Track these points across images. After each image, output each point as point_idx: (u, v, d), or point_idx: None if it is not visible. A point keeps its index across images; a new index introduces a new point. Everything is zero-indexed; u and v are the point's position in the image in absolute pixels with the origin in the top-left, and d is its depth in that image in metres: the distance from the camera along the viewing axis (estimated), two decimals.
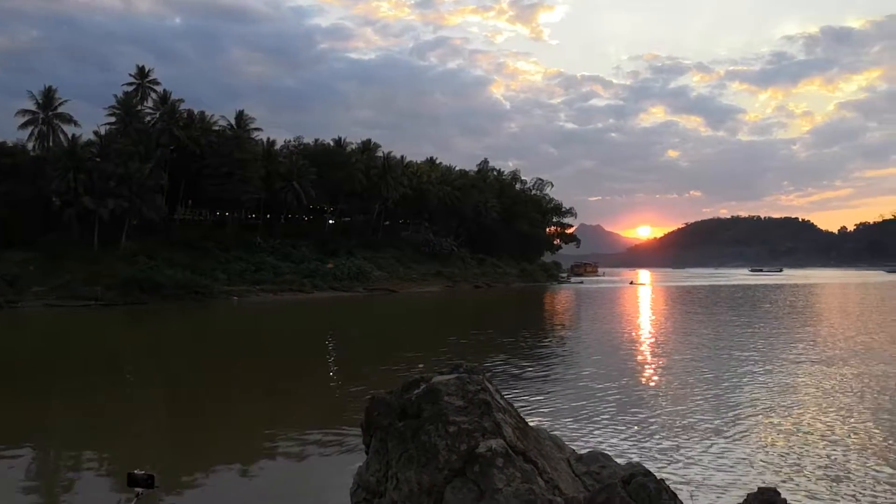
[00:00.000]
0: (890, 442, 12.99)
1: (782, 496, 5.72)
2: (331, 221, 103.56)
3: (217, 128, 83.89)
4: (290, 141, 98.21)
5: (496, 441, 5.60)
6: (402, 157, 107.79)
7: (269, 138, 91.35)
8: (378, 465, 6.11)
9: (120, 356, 30.05)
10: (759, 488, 5.81)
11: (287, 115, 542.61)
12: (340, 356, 28.33)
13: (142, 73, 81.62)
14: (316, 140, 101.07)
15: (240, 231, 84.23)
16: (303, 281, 74.43)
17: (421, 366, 21.66)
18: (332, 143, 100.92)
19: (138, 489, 4.80)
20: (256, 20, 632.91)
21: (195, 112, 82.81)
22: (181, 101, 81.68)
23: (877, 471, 11.27)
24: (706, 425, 14.44)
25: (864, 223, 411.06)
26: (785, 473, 11.18)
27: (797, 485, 10.58)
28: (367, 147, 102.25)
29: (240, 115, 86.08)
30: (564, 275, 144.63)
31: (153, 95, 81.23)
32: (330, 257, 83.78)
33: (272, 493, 11.26)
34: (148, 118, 80.00)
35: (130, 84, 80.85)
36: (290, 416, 16.90)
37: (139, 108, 79.89)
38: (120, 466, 11.56)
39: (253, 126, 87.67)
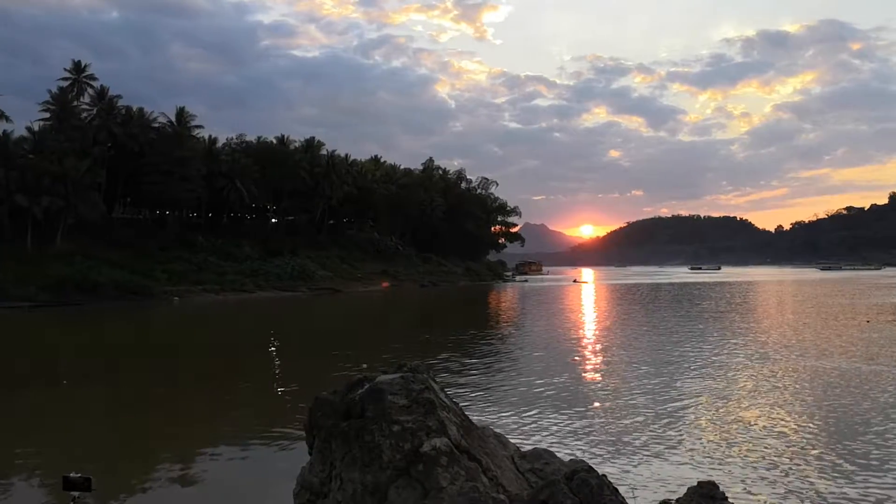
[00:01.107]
0: (823, 433, 13.39)
1: (721, 489, 5.85)
2: (274, 220, 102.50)
3: (157, 125, 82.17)
4: (232, 139, 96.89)
5: (440, 440, 5.61)
6: (346, 155, 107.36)
7: (210, 136, 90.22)
8: (322, 466, 6.07)
9: (53, 358, 29.23)
10: (699, 482, 5.94)
11: (229, 112, 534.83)
12: (283, 356, 28.04)
13: (77, 68, 79.40)
14: (259, 138, 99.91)
15: (181, 230, 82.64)
16: (245, 281, 73.45)
17: (365, 365, 21.56)
18: (275, 142, 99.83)
19: (74, 493, 4.69)
20: (196, 15, 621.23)
21: (134, 109, 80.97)
22: (119, 97, 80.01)
23: (811, 462, 11.61)
24: (647, 421, 14.69)
25: (800, 222, 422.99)
26: (724, 467, 11.43)
27: (736, 477, 10.83)
28: (311, 145, 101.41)
29: (180, 113, 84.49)
30: (509, 273, 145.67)
31: (90, 91, 79.18)
32: (273, 257, 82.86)
33: (214, 495, 11.09)
34: (84, 115, 77.96)
35: (66, 79, 78.54)
36: (233, 416, 16.66)
37: (75, 104, 77.71)
38: (55, 470, 11.24)
39: (194, 124, 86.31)
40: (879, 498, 9.94)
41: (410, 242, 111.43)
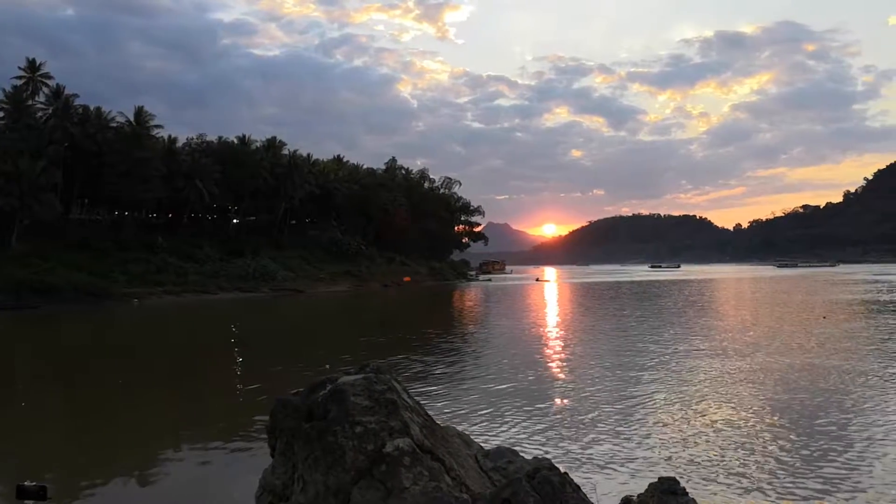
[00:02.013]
0: (781, 428, 13.63)
1: (681, 484, 5.93)
2: (235, 221, 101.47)
3: (115, 124, 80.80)
4: (192, 138, 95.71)
5: (403, 440, 5.61)
6: (308, 155, 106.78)
7: (170, 136, 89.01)
8: (284, 468, 6.03)
9: (6, 361, 28.65)
10: (660, 478, 6.02)
11: (189, 111, 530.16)
12: (245, 358, 27.78)
13: (32, 66, 77.78)
14: (219, 138, 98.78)
15: (140, 231, 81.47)
16: (207, 282, 72.69)
17: (328, 366, 21.48)
18: (236, 141, 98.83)
19: (29, 502, 4.58)
20: (155, 13, 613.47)
21: (91, 108, 79.59)
22: (76, 96, 78.52)
23: (770, 455, 11.80)
24: (609, 417, 14.83)
25: (757, 220, 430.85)
26: (684, 462, 11.58)
27: (696, 472, 10.98)
28: (273, 145, 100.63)
29: (139, 112, 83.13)
30: (473, 273, 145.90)
31: (45, 90, 77.64)
32: (235, 257, 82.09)
33: (175, 499, 10.95)
34: (40, 114, 76.50)
35: (20, 77, 76.93)
36: (194, 419, 16.46)
37: (30, 103, 76.26)
38: (8, 478, 11.02)
39: (153, 123, 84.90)
40: (837, 488, 10.15)
41: (373, 242, 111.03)
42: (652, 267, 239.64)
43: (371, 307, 62.95)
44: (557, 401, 16.93)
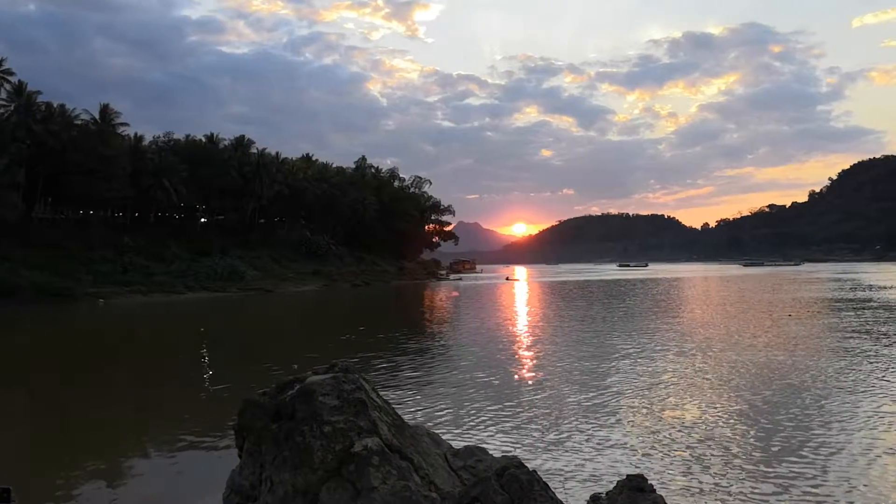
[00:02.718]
0: (747, 424, 13.79)
1: (649, 482, 5.95)
2: (203, 220, 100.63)
3: (79, 122, 79.44)
4: (159, 137, 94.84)
5: (372, 439, 5.57)
6: (277, 153, 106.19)
7: (136, 134, 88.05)
8: (252, 469, 5.97)
9: None
10: (628, 475, 6.04)
11: (155, 109, 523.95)
12: (213, 358, 27.51)
13: None
14: (187, 136, 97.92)
15: (106, 231, 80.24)
16: (174, 282, 71.94)
17: (296, 366, 21.34)
18: (204, 140, 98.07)
19: None
20: (119, 9, 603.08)
21: (55, 105, 78.06)
22: (39, 93, 76.95)
23: (737, 451, 11.93)
24: (577, 415, 14.90)
25: (724, 219, 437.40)
26: (653, 459, 11.66)
27: (664, 469, 11.06)
28: (241, 143, 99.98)
29: (104, 109, 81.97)
30: (443, 272, 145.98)
31: (6, 87, 76.03)
32: (203, 257, 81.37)
33: (142, 501, 10.79)
34: (1, 111, 74.98)
35: None
36: (160, 420, 16.24)
37: None
38: None
39: (119, 121, 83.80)
40: (802, 482, 10.28)
41: (343, 242, 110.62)
42: (620, 266, 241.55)
43: (340, 307, 62.69)
44: (527, 399, 16.96)
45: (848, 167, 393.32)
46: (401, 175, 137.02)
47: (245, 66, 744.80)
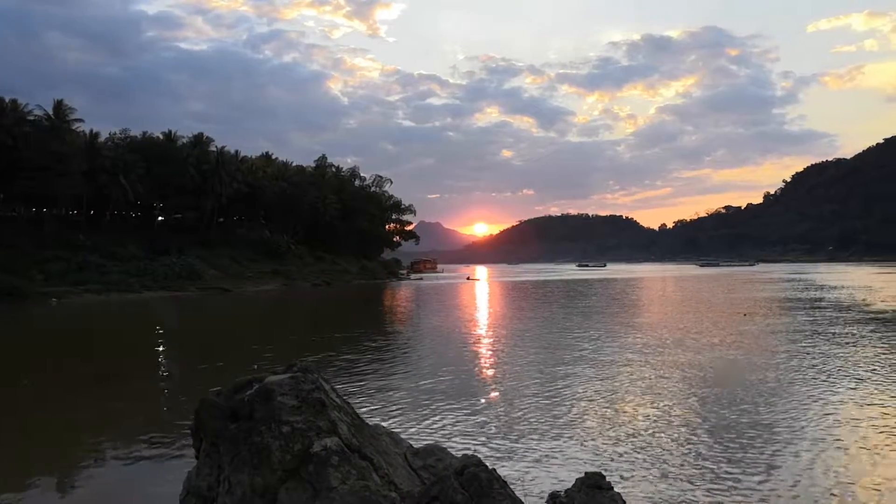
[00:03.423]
0: (704, 421, 14.00)
1: (607, 479, 6.02)
2: (161, 218, 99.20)
3: (32, 118, 77.62)
4: (115, 133, 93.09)
5: (331, 439, 5.56)
6: (236, 151, 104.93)
7: (91, 130, 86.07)
8: (209, 470, 5.91)
9: None
10: (586, 473, 6.10)
11: (112, 106, 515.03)
12: (169, 358, 27.16)
13: None
14: (144, 133, 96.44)
15: (60, 229, 78.64)
16: (131, 281, 70.75)
17: (256, 366, 21.17)
18: (161, 137, 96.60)
19: None
20: (74, 2, 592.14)
21: (6, 100, 76.26)
22: None
23: (693, 449, 12.11)
24: (536, 414, 14.99)
25: (682, 221, 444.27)
26: (610, 457, 11.79)
27: (622, 467, 11.19)
28: (200, 141, 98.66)
29: (58, 105, 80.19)
30: (404, 272, 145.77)
31: None
32: (160, 256, 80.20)
33: None
34: None
35: None
36: (115, 422, 15.95)
37: None
38: None
39: (73, 117, 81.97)
40: (758, 479, 10.49)
41: (303, 241, 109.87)
42: (579, 266, 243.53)
43: (300, 306, 62.28)
44: (487, 398, 17.03)
45: (802, 170, 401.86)
46: (362, 174, 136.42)
47: (204, 62, 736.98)
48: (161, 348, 30.02)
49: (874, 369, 19.97)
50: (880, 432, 13.10)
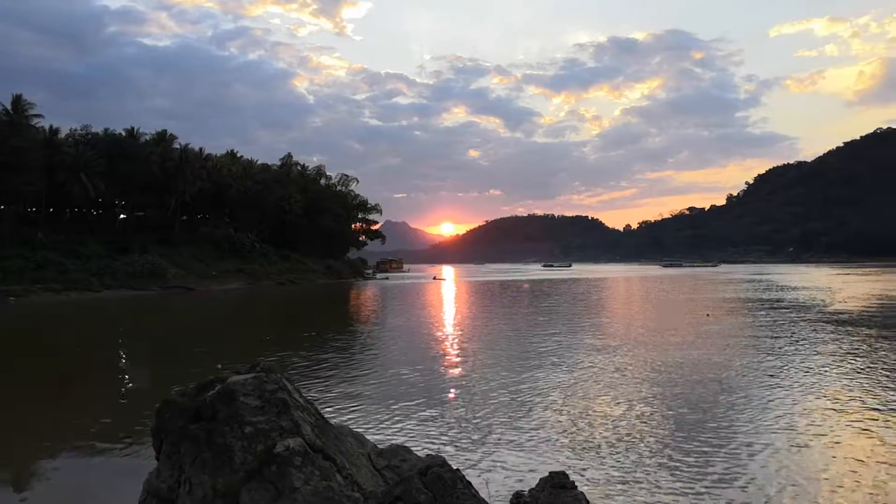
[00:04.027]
0: (666, 420, 14.13)
1: (571, 478, 6.04)
2: (123, 216, 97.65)
3: None
4: (76, 130, 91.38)
5: (294, 440, 5.51)
6: (200, 149, 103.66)
7: (51, 126, 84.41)
8: (170, 471, 5.82)
9: None
10: (550, 473, 6.11)
11: (73, 102, 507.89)
12: (131, 358, 26.75)
13: None
14: (106, 129, 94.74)
15: (17, 226, 77.10)
16: (92, 279, 69.66)
17: (219, 366, 20.94)
18: (123, 134, 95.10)
19: None
20: None
21: None
22: None
23: (656, 447, 12.22)
24: (501, 413, 15.03)
25: (646, 221, 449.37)
26: (574, 456, 11.85)
27: (586, 466, 11.26)
28: (163, 138, 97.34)
29: (17, 100, 78.55)
30: (370, 271, 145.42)
31: None
32: (122, 254, 79.06)
33: None
34: None
35: None
36: (73, 424, 15.65)
37: None
38: None
39: (32, 112, 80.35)
40: (720, 476, 10.61)
41: (268, 240, 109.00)
42: (545, 266, 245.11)
43: (264, 306, 61.79)
44: (451, 397, 17.03)
45: (764, 172, 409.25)
46: (328, 173, 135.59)
47: (168, 59, 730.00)
48: (122, 348, 29.57)
49: (831, 368, 20.34)
50: (837, 429, 13.34)
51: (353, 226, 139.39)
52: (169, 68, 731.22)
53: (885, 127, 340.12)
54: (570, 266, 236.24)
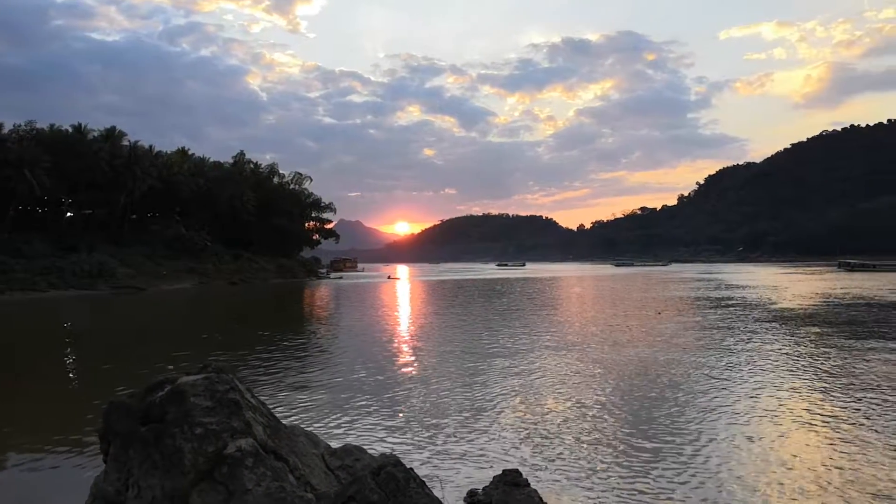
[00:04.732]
0: (620, 418, 14.32)
1: (524, 476, 6.08)
2: (70, 214, 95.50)
3: None
4: (20, 125, 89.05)
5: (246, 441, 5.45)
6: (150, 146, 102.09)
7: None
8: (117, 474, 5.72)
9: None
10: (504, 470, 6.15)
11: (16, 96, 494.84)
12: (78, 359, 26.19)
13: None
14: (52, 125, 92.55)
15: None
16: (36, 279, 67.96)
17: (171, 367, 20.62)
18: (70, 130, 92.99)
19: None
20: None
21: None
22: None
23: (610, 445, 12.37)
24: (455, 412, 15.07)
25: (599, 221, 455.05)
26: (528, 454, 11.93)
27: (538, 464, 11.34)
28: (112, 135, 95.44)
29: None
30: (324, 270, 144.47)
31: None
32: (69, 253, 77.31)
33: None
34: None
35: None
36: (16, 428, 15.26)
37: None
38: None
39: None
40: (676, 473, 10.78)
41: (220, 239, 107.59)
42: (499, 265, 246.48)
43: (216, 305, 60.99)
44: (405, 397, 17.02)
45: (714, 173, 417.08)
46: (281, 171, 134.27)
47: (117, 54, 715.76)
48: (67, 349, 28.93)
49: (777, 365, 20.80)
50: (781, 424, 13.65)
51: (306, 224, 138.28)
52: (118, 64, 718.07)
53: (830, 129, 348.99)
54: (523, 265, 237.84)
